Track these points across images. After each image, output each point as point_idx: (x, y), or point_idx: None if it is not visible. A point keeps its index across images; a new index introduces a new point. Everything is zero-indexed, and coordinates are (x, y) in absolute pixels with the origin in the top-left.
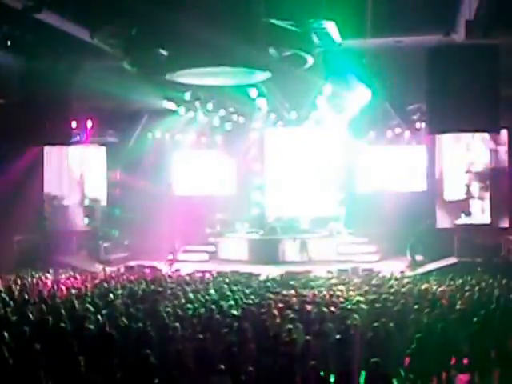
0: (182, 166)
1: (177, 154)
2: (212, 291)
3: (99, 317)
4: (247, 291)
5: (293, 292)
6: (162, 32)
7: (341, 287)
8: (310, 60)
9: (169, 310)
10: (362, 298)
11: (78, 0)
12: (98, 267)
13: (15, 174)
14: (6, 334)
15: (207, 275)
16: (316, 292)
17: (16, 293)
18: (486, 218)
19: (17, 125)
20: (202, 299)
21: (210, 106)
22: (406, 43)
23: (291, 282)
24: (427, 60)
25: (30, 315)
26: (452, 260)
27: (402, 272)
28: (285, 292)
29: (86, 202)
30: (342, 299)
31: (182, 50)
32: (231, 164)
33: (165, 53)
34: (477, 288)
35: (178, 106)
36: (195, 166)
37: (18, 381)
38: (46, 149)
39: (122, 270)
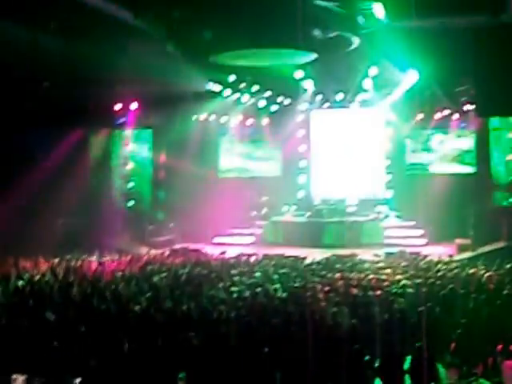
0: (228, 148)
1: (222, 137)
2: (257, 274)
3: (143, 299)
4: (293, 274)
5: (339, 275)
6: (206, 14)
7: (387, 271)
8: (357, 41)
9: (213, 292)
10: (408, 282)
11: None
12: (143, 250)
13: (60, 157)
14: (50, 315)
15: (253, 258)
16: (362, 275)
17: (60, 275)
18: None
19: (61, 107)
20: (247, 282)
21: (254, 87)
22: (453, 24)
23: (337, 266)
24: (476, 41)
25: (75, 297)
26: (500, 244)
27: (449, 256)
28: (330, 275)
29: (131, 184)
30: (388, 283)
31: (227, 32)
32: (277, 146)
33: (209, 35)
34: None
35: (223, 88)
36: (241, 148)
37: (63, 362)
38: (92, 130)
39: (167, 252)
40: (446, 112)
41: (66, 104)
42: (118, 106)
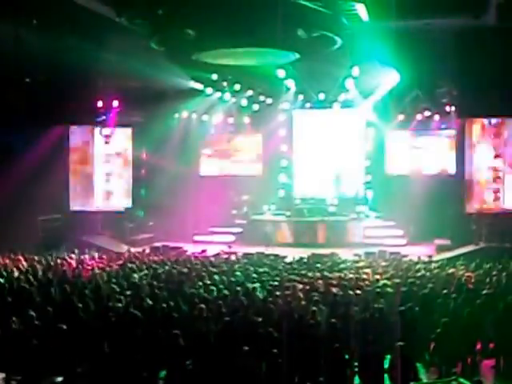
0: (210, 146)
1: (204, 135)
2: (238, 273)
3: (124, 297)
4: (273, 273)
5: (319, 274)
6: (189, 11)
7: (367, 270)
8: (339, 41)
9: (194, 291)
10: (388, 282)
11: None
12: (123, 248)
13: (40, 153)
14: (31, 313)
15: (233, 257)
16: (342, 275)
17: (40, 273)
18: None
19: (42, 103)
20: (227, 281)
21: (237, 86)
22: (435, 26)
23: (317, 265)
24: (457, 43)
25: (55, 296)
26: (479, 245)
27: (429, 256)
28: (310, 274)
29: (113, 182)
30: (368, 282)
31: (210, 30)
32: (258, 145)
33: (192, 33)
34: (504, 273)
35: (205, 86)
36: (222, 147)
37: (44, 361)
38: (72, 127)
39: (147, 250)
40: (427, 113)
41: (47, 100)
42: (99, 103)
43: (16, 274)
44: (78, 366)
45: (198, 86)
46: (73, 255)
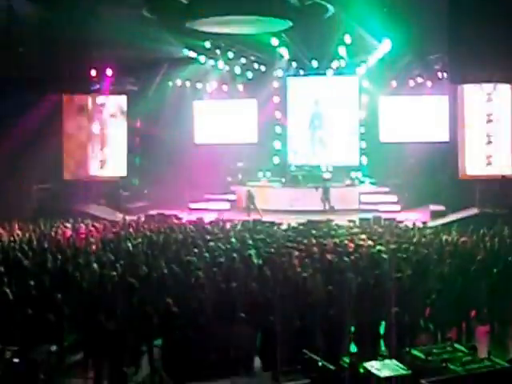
0: (203, 114)
1: (198, 103)
2: (233, 240)
3: (119, 265)
4: (268, 240)
5: (314, 241)
6: None
7: (362, 236)
8: (331, 9)
9: (189, 258)
10: (383, 248)
11: None
12: (118, 216)
13: (34, 123)
14: (26, 283)
15: (228, 224)
16: (337, 241)
17: (35, 242)
18: (507, 169)
19: (36, 73)
20: (223, 248)
21: (230, 54)
22: None
23: (312, 231)
24: (449, 8)
25: (49, 264)
26: (473, 211)
27: (423, 222)
28: (306, 241)
29: (106, 151)
30: (363, 248)
31: None
32: (253, 112)
33: (185, 0)
34: (497, 239)
35: (199, 54)
36: (216, 115)
37: (41, 329)
38: (66, 96)
39: (142, 218)
40: (420, 79)
41: (41, 69)
42: (93, 72)
43: (11, 243)
44: (73, 335)
45: (192, 54)
46: (67, 224)
